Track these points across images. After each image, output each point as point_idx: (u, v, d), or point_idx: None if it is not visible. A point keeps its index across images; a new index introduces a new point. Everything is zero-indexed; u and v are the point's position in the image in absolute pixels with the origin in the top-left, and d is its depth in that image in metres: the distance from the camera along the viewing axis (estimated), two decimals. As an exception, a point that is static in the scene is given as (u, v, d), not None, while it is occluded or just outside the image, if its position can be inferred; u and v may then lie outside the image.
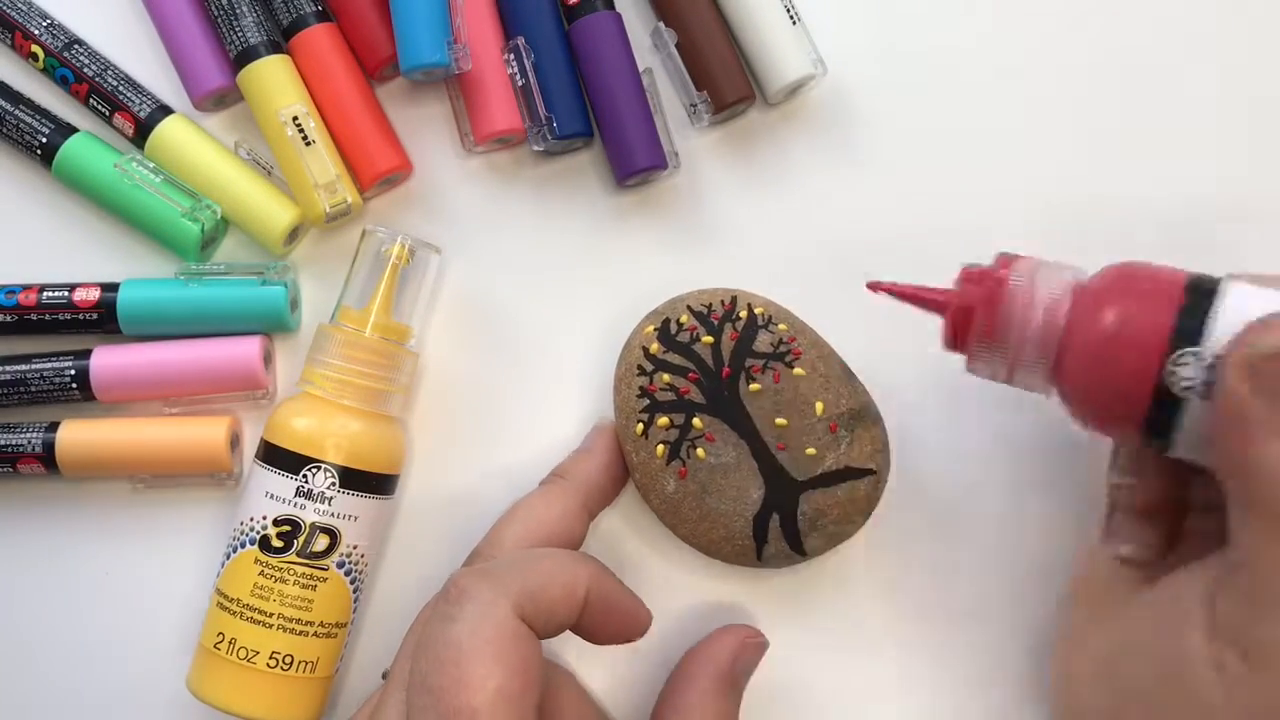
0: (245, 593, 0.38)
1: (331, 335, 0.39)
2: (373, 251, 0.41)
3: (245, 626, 0.38)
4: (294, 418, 0.39)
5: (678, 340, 0.38)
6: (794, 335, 0.38)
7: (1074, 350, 0.31)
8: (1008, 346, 0.32)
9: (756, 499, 0.37)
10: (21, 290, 0.42)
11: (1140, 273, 0.31)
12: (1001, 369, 0.32)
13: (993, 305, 0.32)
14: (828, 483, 0.37)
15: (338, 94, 0.42)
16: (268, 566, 0.38)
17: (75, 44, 0.43)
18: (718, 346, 0.38)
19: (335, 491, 0.38)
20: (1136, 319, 0.30)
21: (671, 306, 0.39)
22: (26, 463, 0.42)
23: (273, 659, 0.38)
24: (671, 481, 0.38)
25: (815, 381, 0.38)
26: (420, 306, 0.42)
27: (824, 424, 0.37)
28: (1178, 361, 0.29)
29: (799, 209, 0.43)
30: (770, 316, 0.39)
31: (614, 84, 0.42)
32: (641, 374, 0.38)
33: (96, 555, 0.43)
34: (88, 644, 0.43)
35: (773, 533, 0.37)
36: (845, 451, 0.37)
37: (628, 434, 0.38)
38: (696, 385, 0.38)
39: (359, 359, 0.39)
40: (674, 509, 0.38)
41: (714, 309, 0.39)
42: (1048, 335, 0.31)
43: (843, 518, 0.38)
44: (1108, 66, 0.43)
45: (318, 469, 0.38)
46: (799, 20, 0.42)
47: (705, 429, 0.38)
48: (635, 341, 0.39)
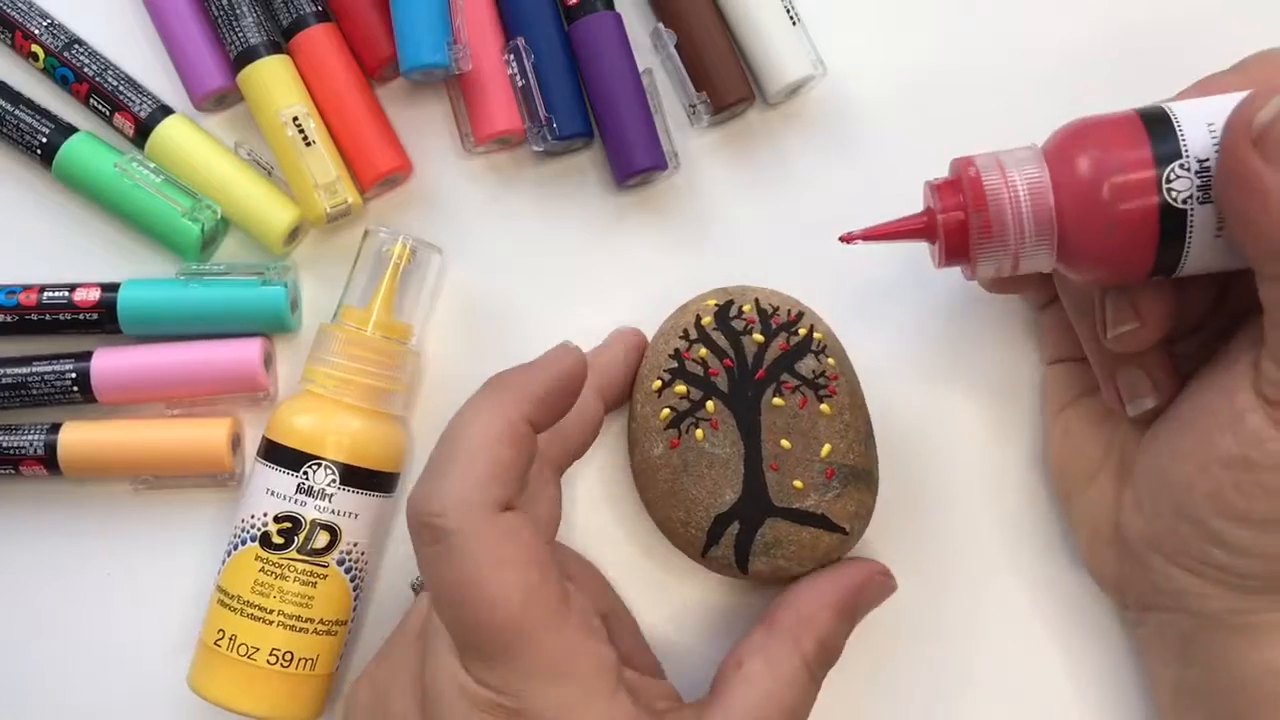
0: (246, 589, 0.38)
1: (333, 334, 0.40)
2: (374, 251, 0.41)
3: (246, 623, 0.38)
4: (296, 415, 0.39)
5: (732, 325, 0.38)
6: (837, 374, 0.38)
7: (1073, 214, 0.31)
8: (1008, 239, 0.32)
9: (728, 500, 0.37)
10: (22, 290, 0.42)
11: (1094, 122, 0.32)
12: (1006, 261, 0.33)
13: (981, 206, 0.32)
14: (798, 519, 0.37)
15: (338, 94, 0.42)
16: (268, 563, 0.38)
17: (75, 44, 0.43)
18: (764, 349, 0.38)
19: (336, 488, 0.38)
20: (1118, 160, 0.31)
21: (742, 291, 0.39)
22: (28, 464, 0.42)
23: (273, 656, 0.38)
24: (660, 445, 0.38)
25: (835, 426, 0.38)
26: (421, 306, 0.42)
27: (823, 466, 0.37)
28: (1171, 178, 0.30)
29: (798, 209, 0.43)
30: (825, 346, 0.38)
31: (614, 84, 0.42)
32: (684, 338, 0.38)
33: (98, 556, 0.43)
34: (89, 643, 0.43)
35: (726, 538, 0.37)
36: (829, 501, 0.37)
37: (643, 385, 0.39)
38: (727, 373, 0.38)
39: (361, 357, 0.39)
40: (650, 472, 0.38)
41: (778, 313, 0.39)
42: (1041, 212, 0.32)
43: (794, 556, 0.37)
44: (1108, 65, 0.43)
45: (319, 466, 0.38)
46: (799, 20, 0.42)
47: (714, 415, 0.38)
48: (693, 306, 0.39)
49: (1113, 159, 0.31)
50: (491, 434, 0.32)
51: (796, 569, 0.38)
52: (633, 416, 0.39)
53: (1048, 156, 0.32)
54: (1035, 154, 0.32)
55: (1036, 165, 0.32)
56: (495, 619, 0.31)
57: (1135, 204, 0.30)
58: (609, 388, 0.39)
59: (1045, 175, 0.32)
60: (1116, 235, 0.31)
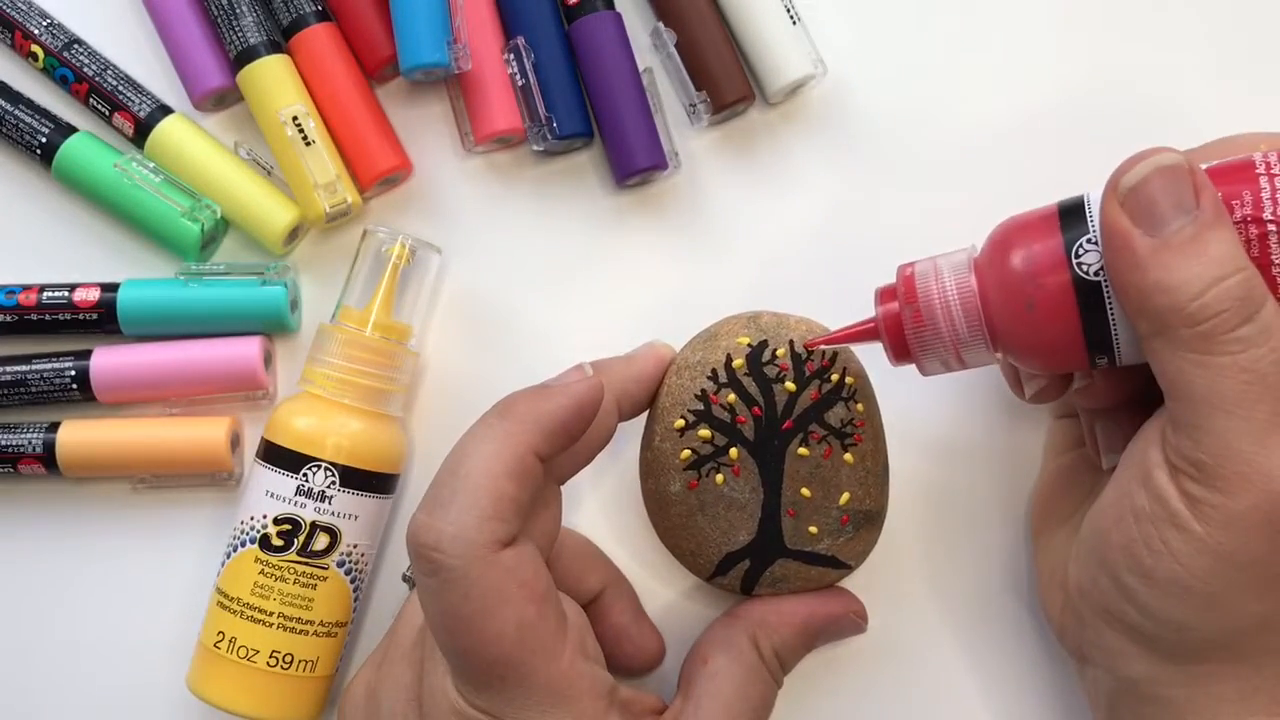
0: (245, 592, 0.38)
1: (332, 335, 0.39)
2: (373, 251, 0.41)
3: (245, 625, 0.38)
4: (295, 417, 0.39)
5: (764, 371, 0.37)
6: (864, 420, 0.37)
7: (996, 301, 0.32)
8: (942, 334, 0.33)
9: (741, 540, 0.37)
10: (21, 290, 0.42)
11: (1015, 219, 0.33)
12: (950, 357, 0.34)
13: (912, 304, 0.33)
14: (807, 560, 0.37)
15: (338, 94, 0.42)
16: (268, 565, 0.38)
17: (75, 43, 0.43)
18: (795, 398, 0.37)
19: (335, 490, 0.38)
20: (1032, 241, 0.32)
21: (777, 327, 0.38)
22: (27, 463, 0.42)
23: (273, 658, 0.38)
24: (678, 483, 0.37)
25: (857, 473, 0.37)
26: (421, 306, 0.42)
27: (840, 513, 0.37)
28: (1079, 252, 0.31)
29: (799, 209, 0.43)
30: (856, 390, 0.38)
31: (614, 84, 0.42)
32: (713, 379, 0.37)
33: (97, 555, 0.43)
34: (88, 643, 0.43)
35: (734, 572, 0.38)
36: (841, 544, 0.37)
37: (664, 418, 0.38)
38: (754, 421, 0.37)
39: (360, 358, 0.39)
40: (663, 506, 0.38)
41: (813, 357, 0.37)
42: (968, 305, 0.33)
43: (798, 587, 0.38)
44: (1108, 64, 0.43)
45: (318, 468, 0.38)
46: (799, 20, 0.42)
47: (736, 461, 0.37)
48: (723, 339, 0.38)
49: (1027, 241, 0.32)
50: (497, 467, 0.32)
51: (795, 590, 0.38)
52: (649, 446, 0.38)
53: (979, 255, 0.34)
54: (968, 253, 0.34)
55: (966, 261, 0.33)
56: (489, 654, 0.31)
57: (1049, 279, 0.31)
58: (626, 399, 0.38)
59: (971, 268, 0.33)
60: (1037, 312, 0.31)
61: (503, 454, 0.32)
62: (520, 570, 0.32)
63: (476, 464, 0.32)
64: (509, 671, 0.31)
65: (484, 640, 0.31)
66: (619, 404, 0.37)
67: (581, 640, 0.33)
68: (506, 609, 0.31)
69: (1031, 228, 0.32)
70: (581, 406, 0.34)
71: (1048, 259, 0.31)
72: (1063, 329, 0.31)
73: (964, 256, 0.34)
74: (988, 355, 0.34)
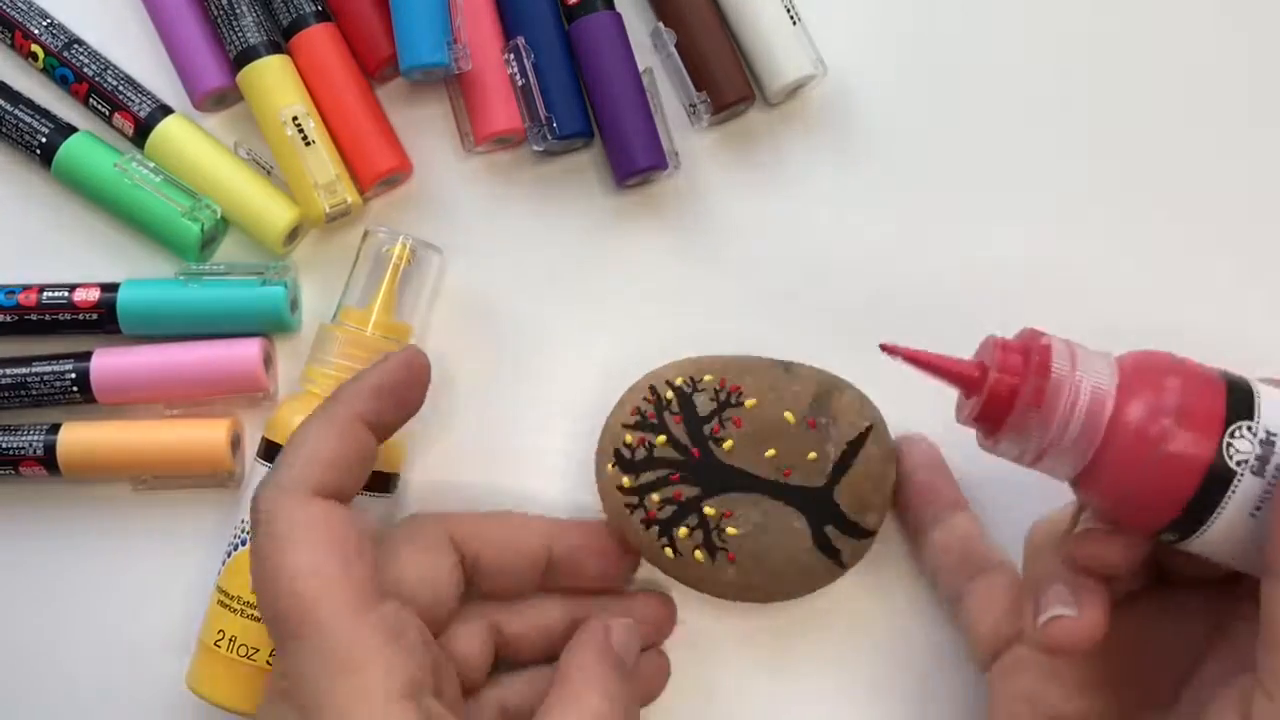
0: (246, 590, 0.38)
1: (333, 334, 0.39)
2: (374, 251, 0.41)
3: (246, 624, 0.38)
4: (295, 416, 0.39)
5: (639, 462, 0.38)
6: (722, 377, 0.38)
7: (1122, 435, 0.30)
8: (1050, 428, 0.30)
9: (803, 527, 0.38)
10: (21, 290, 0.42)
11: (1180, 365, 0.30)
12: (1031, 449, 0.31)
13: (1040, 386, 0.30)
14: (842, 469, 0.38)
15: (338, 94, 0.42)
16: None
17: (75, 43, 0.43)
18: (673, 437, 0.38)
19: None
20: (1191, 400, 0.29)
21: (611, 436, 0.38)
22: (28, 465, 0.42)
23: (273, 656, 0.38)
24: (729, 571, 0.38)
25: (768, 399, 0.38)
26: (421, 306, 0.42)
27: (802, 426, 0.38)
28: (1235, 435, 0.29)
29: (799, 209, 0.43)
30: (693, 379, 0.38)
31: (614, 84, 0.41)
32: (634, 510, 0.38)
33: (98, 556, 0.43)
34: (89, 643, 0.43)
35: (835, 539, 0.38)
36: (835, 434, 0.38)
37: (661, 558, 0.38)
38: (684, 482, 0.38)
39: (360, 358, 0.39)
40: (745, 589, 0.38)
41: (645, 410, 0.38)
42: (1091, 425, 0.30)
43: (875, 479, 0.38)
44: (1108, 64, 0.43)
45: None
46: (799, 20, 0.42)
47: (720, 509, 0.37)
48: (609, 486, 0.38)
49: (1187, 398, 0.29)
50: (314, 427, 0.34)
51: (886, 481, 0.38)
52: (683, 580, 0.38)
53: (1122, 370, 0.30)
54: (1110, 362, 0.31)
55: (1109, 372, 0.30)
56: (285, 599, 0.31)
57: (1191, 443, 0.29)
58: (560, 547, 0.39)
59: (1114, 385, 0.30)
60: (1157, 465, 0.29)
61: (320, 416, 0.35)
62: (328, 519, 0.33)
63: (299, 430, 0.35)
64: (300, 623, 0.31)
65: (277, 583, 0.31)
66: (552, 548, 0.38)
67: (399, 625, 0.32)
68: (305, 550, 0.32)
69: (1192, 384, 0.30)
70: (395, 367, 0.36)
71: (1202, 422, 0.29)
72: (1167, 500, 0.29)
73: (1105, 363, 0.31)
74: (1070, 471, 0.31)
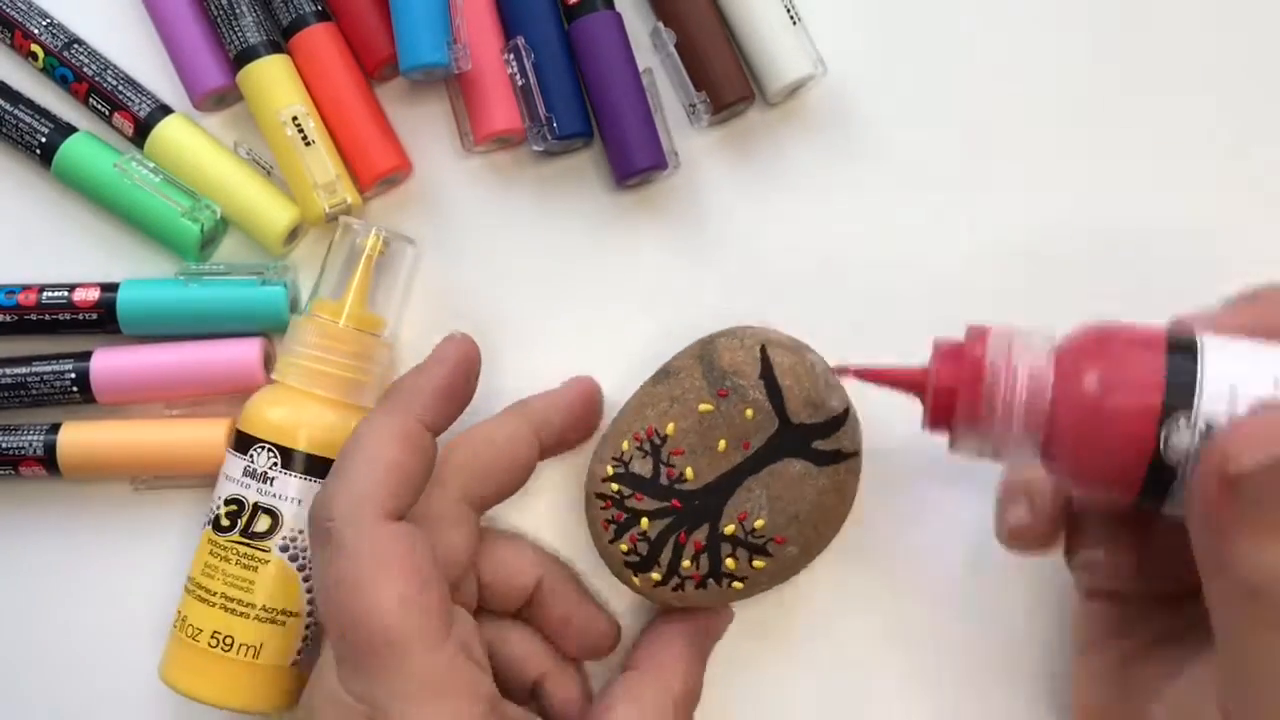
0: (198, 572, 0.39)
1: (305, 326, 0.39)
2: (347, 243, 0.41)
3: (194, 604, 0.39)
4: (267, 408, 0.39)
5: (648, 555, 0.37)
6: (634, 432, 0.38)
7: (1063, 425, 0.30)
8: (993, 427, 0.30)
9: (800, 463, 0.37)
10: (21, 290, 0.42)
11: (1117, 335, 0.30)
12: (988, 447, 0.31)
13: (975, 385, 0.30)
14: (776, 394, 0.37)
15: (338, 94, 0.42)
16: (216, 545, 0.39)
17: (75, 43, 0.43)
18: (651, 512, 0.37)
19: (276, 472, 0.38)
20: (1125, 386, 0.29)
21: (612, 559, 0.38)
22: (28, 465, 0.42)
23: (213, 638, 0.38)
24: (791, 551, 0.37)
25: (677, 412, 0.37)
26: (395, 298, 0.42)
27: (719, 403, 0.37)
28: (1171, 431, 0.28)
29: (799, 209, 0.43)
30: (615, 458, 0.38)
31: (614, 84, 0.41)
32: (680, 589, 0.37)
33: (98, 555, 0.43)
34: (88, 643, 0.43)
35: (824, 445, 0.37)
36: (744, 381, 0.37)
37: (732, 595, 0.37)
38: (692, 532, 0.37)
39: (332, 349, 0.39)
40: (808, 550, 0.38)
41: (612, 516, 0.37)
42: (1034, 411, 0.30)
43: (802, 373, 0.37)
44: (1108, 65, 0.43)
45: (262, 449, 0.38)
46: (799, 20, 0.42)
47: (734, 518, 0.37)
48: (648, 590, 0.37)
49: (1121, 387, 0.29)
50: (384, 437, 0.34)
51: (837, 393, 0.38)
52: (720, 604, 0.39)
53: (1059, 356, 0.30)
54: (1048, 348, 0.30)
55: (1045, 361, 0.30)
56: (368, 624, 0.31)
57: (1125, 444, 0.29)
58: (546, 429, 0.39)
59: (1049, 375, 0.30)
60: (1100, 464, 0.29)
61: (390, 425, 0.34)
62: (405, 545, 0.33)
63: (366, 439, 0.34)
64: (386, 650, 0.31)
65: (363, 610, 0.31)
66: (539, 433, 0.38)
67: (467, 643, 0.33)
68: (387, 580, 0.32)
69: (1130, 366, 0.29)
70: (456, 364, 0.36)
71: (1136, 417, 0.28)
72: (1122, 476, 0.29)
73: (1044, 343, 0.31)
74: (1030, 460, 0.31)
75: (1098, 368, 0.29)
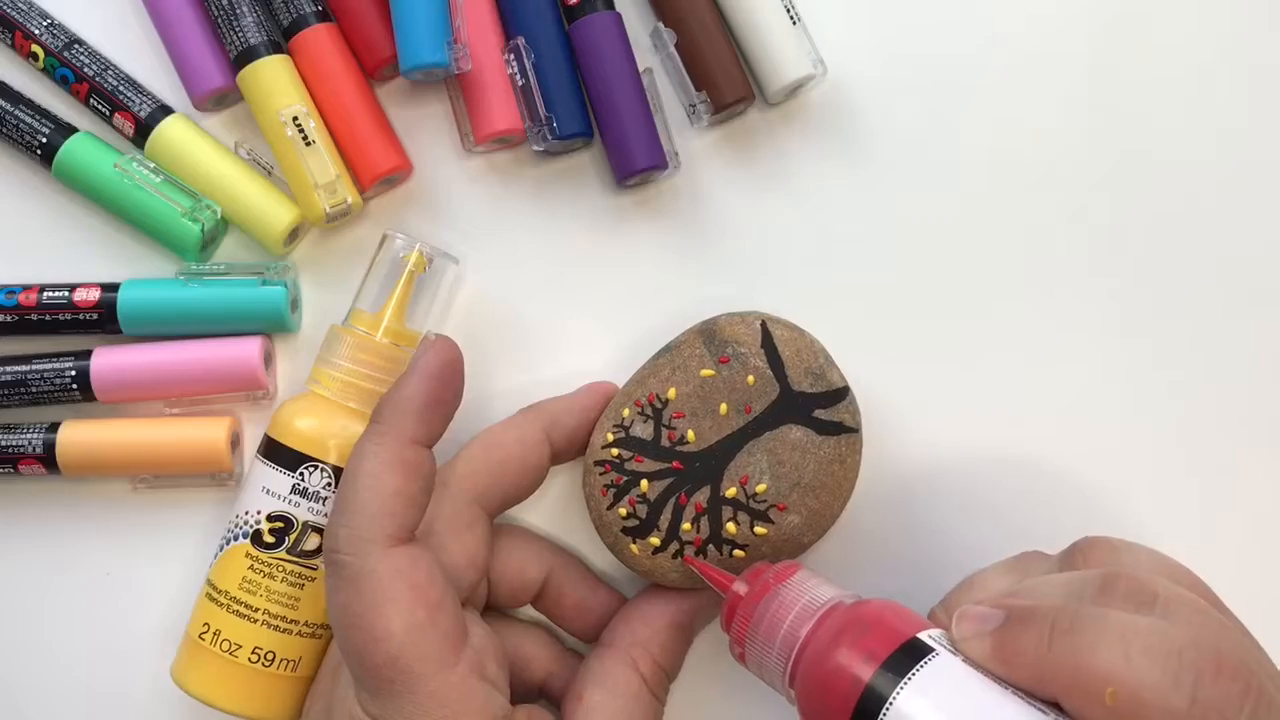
0: (234, 586, 0.38)
1: (341, 337, 0.39)
2: (390, 257, 0.41)
3: (231, 619, 0.38)
4: (297, 417, 0.39)
5: (647, 518, 0.37)
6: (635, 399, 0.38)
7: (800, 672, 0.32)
8: (755, 645, 0.33)
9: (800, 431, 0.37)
10: (22, 290, 0.42)
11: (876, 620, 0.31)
12: (754, 664, 0.34)
13: (750, 605, 0.34)
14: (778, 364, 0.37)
15: (338, 94, 0.42)
16: (257, 561, 0.38)
17: (75, 44, 0.43)
18: (651, 474, 0.37)
19: (330, 492, 0.38)
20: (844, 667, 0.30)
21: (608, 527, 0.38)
22: (27, 463, 0.42)
23: (255, 654, 0.38)
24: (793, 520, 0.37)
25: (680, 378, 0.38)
26: (434, 316, 0.42)
27: (720, 370, 0.37)
28: None
29: (799, 209, 0.43)
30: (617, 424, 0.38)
31: (614, 84, 0.41)
32: (678, 554, 0.37)
33: (97, 554, 0.43)
34: (88, 641, 0.43)
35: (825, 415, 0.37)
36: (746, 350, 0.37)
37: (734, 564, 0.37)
38: (693, 493, 0.37)
39: (367, 362, 0.39)
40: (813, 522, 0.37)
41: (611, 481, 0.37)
42: (785, 647, 0.33)
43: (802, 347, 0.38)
44: (1108, 65, 0.43)
45: (315, 468, 0.38)
46: (799, 20, 0.42)
47: (736, 480, 0.37)
48: (644, 560, 0.37)
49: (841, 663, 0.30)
50: (379, 465, 0.34)
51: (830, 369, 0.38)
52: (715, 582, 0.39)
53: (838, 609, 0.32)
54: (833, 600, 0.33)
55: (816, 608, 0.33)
56: (379, 654, 0.32)
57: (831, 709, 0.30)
58: (558, 430, 0.39)
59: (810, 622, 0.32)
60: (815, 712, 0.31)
61: (381, 452, 0.34)
62: (412, 571, 0.33)
63: (362, 467, 0.34)
64: (398, 675, 0.32)
65: (373, 638, 0.32)
66: (549, 435, 0.38)
67: (481, 662, 0.34)
68: (395, 608, 0.32)
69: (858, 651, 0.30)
70: (438, 371, 0.36)
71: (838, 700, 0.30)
72: None
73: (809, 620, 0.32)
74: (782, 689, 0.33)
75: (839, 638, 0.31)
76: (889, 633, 0.31)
